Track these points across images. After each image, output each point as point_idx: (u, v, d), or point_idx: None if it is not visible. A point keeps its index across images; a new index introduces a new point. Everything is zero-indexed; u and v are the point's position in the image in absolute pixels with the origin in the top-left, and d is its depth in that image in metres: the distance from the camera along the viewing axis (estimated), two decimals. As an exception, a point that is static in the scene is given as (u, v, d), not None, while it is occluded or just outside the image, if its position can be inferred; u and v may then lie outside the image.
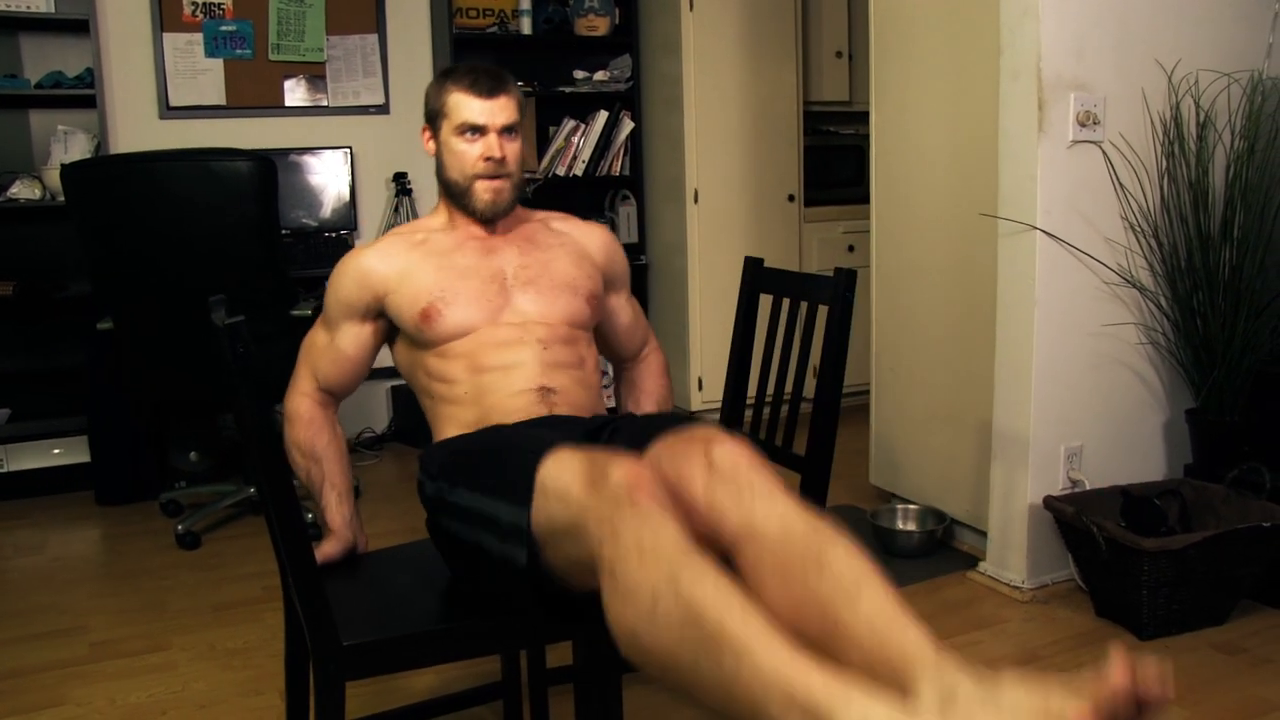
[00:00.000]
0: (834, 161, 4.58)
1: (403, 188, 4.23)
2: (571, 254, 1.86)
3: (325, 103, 4.21)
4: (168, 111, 3.99)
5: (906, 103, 3.07)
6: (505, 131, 1.76)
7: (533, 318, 1.75)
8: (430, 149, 1.82)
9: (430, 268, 1.75)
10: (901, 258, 3.15)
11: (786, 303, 1.91)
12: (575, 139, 4.43)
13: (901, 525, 3.02)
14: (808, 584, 1.18)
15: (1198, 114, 2.63)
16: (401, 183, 4.23)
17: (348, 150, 4.12)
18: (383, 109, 4.29)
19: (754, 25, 4.25)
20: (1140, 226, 2.62)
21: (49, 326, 3.83)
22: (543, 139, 4.44)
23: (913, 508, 3.07)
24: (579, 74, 4.46)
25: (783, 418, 1.90)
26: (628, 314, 2.00)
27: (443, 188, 1.82)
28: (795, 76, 4.36)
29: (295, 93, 4.17)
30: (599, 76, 4.48)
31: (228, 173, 2.85)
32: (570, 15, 4.39)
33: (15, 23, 3.70)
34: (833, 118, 4.66)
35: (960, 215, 2.87)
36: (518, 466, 1.40)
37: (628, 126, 4.47)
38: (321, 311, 1.83)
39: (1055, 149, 2.49)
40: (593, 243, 1.92)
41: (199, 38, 4.00)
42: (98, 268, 2.96)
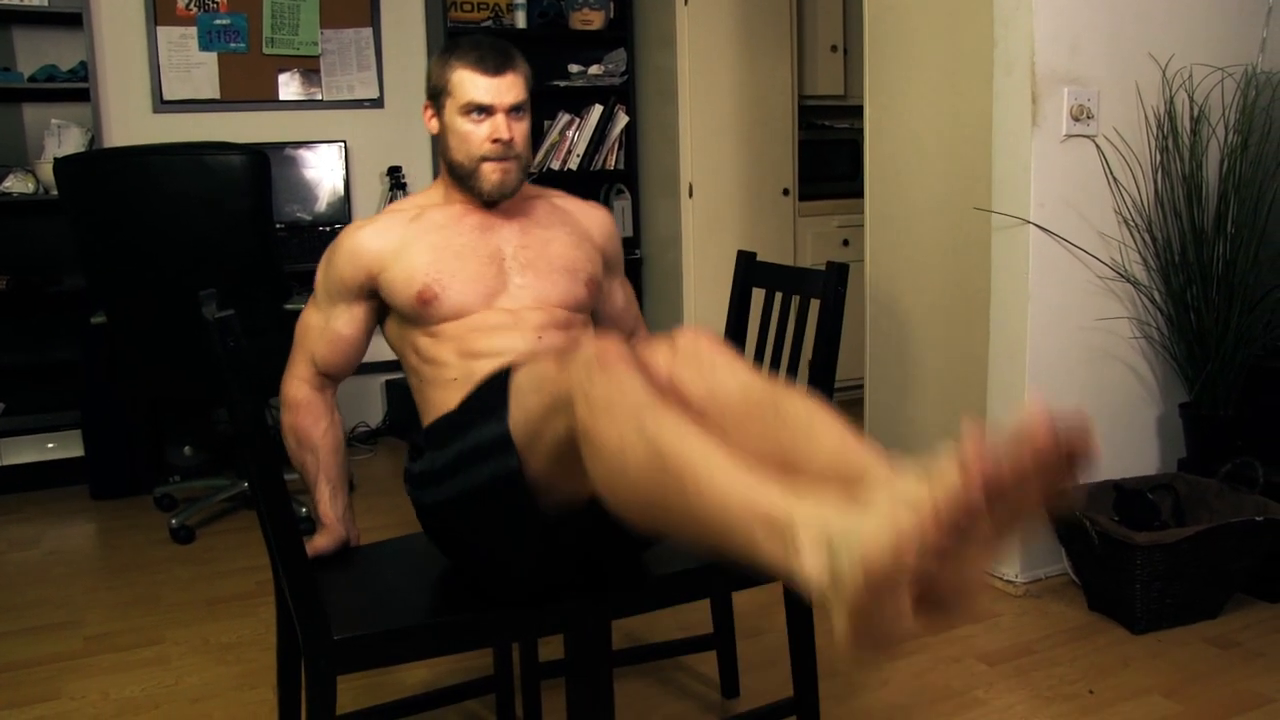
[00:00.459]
0: (828, 155, 4.58)
1: (397, 181, 4.22)
2: (572, 235, 1.81)
3: (320, 96, 4.20)
4: (162, 105, 3.98)
5: (900, 97, 3.07)
6: (513, 111, 1.69)
7: (528, 303, 1.71)
8: (433, 127, 1.74)
9: (425, 245, 1.69)
10: (895, 252, 3.15)
11: (779, 297, 1.91)
12: (570, 133, 4.42)
13: (895, 519, 3.02)
14: (767, 430, 1.24)
15: (1192, 108, 2.63)
16: (396, 176, 4.23)
17: (342, 144, 4.11)
18: (377, 103, 4.28)
19: (749, 19, 4.24)
20: (1134, 221, 2.62)
21: (43, 321, 3.83)
22: (537, 133, 4.43)
23: (907, 502, 3.06)
24: (573, 68, 4.46)
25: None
26: (621, 298, 1.97)
27: (446, 168, 1.75)
28: (790, 70, 4.36)
29: (290, 86, 4.16)
30: (593, 70, 4.47)
31: (221, 167, 2.85)
32: (565, 9, 4.39)
33: (9, 16, 3.69)
34: (827, 112, 4.65)
35: (954, 209, 2.87)
36: (491, 389, 1.43)
37: (622, 121, 4.46)
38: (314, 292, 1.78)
39: (1049, 143, 2.48)
40: (594, 224, 1.88)
41: (193, 31, 3.99)
42: (91, 262, 2.96)
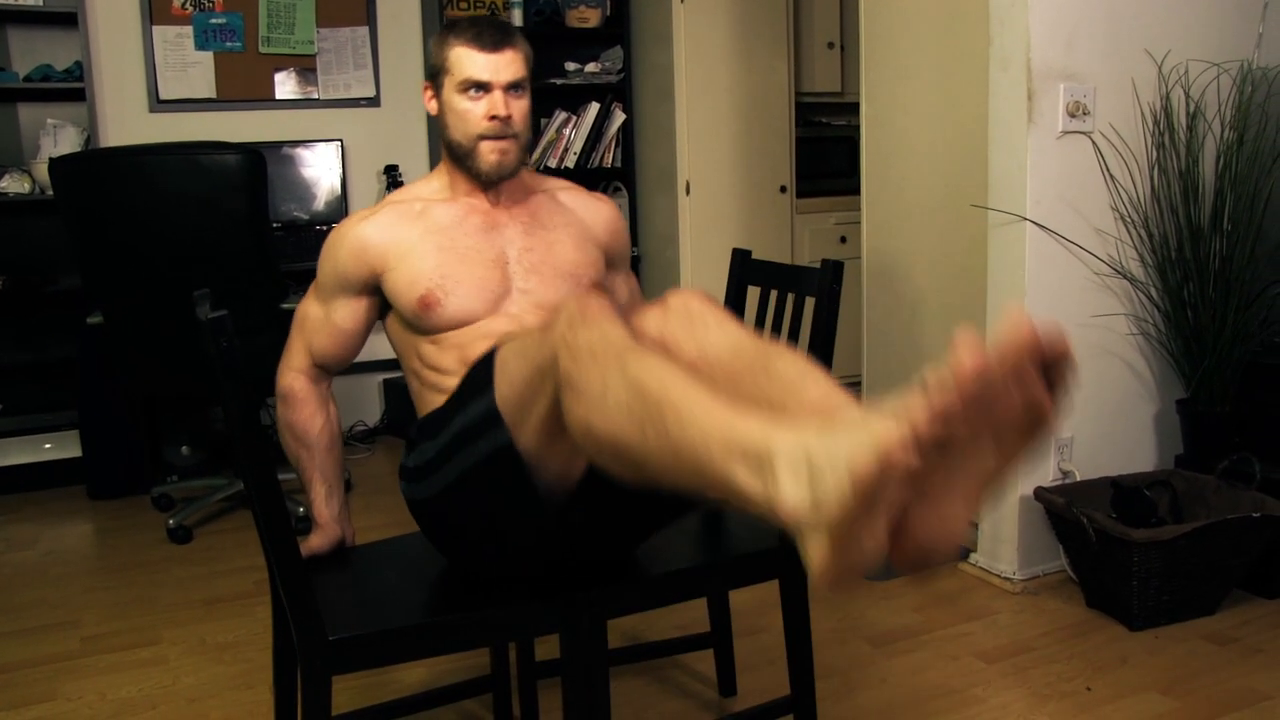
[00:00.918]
0: (826, 152, 4.57)
1: (394, 180, 4.22)
2: (576, 235, 1.80)
3: (316, 95, 4.20)
4: (158, 105, 3.98)
5: (897, 94, 3.06)
6: (511, 89, 1.67)
7: (532, 308, 1.70)
8: (432, 108, 1.73)
9: (431, 247, 1.68)
10: (892, 249, 3.14)
11: (774, 295, 1.91)
12: (567, 131, 4.42)
13: (893, 516, 3.01)
14: (756, 384, 1.23)
15: (1188, 104, 2.63)
16: (393, 175, 4.22)
17: (339, 143, 4.11)
18: (373, 101, 4.28)
19: (745, 16, 4.24)
20: (1130, 217, 2.62)
21: (39, 320, 3.82)
22: (534, 131, 4.43)
23: (904, 499, 3.06)
24: (570, 65, 4.45)
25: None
26: (624, 292, 1.95)
27: (445, 149, 1.74)
28: (787, 67, 4.35)
29: (286, 85, 4.15)
30: (590, 68, 4.47)
31: (217, 166, 2.84)
32: (561, 6, 4.38)
33: (3, 15, 3.68)
34: (824, 108, 4.65)
35: (951, 206, 2.86)
36: (478, 369, 1.43)
37: (619, 118, 4.46)
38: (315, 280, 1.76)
39: (1045, 139, 2.48)
40: (599, 220, 1.86)
41: (189, 30, 3.98)
42: (87, 262, 2.95)
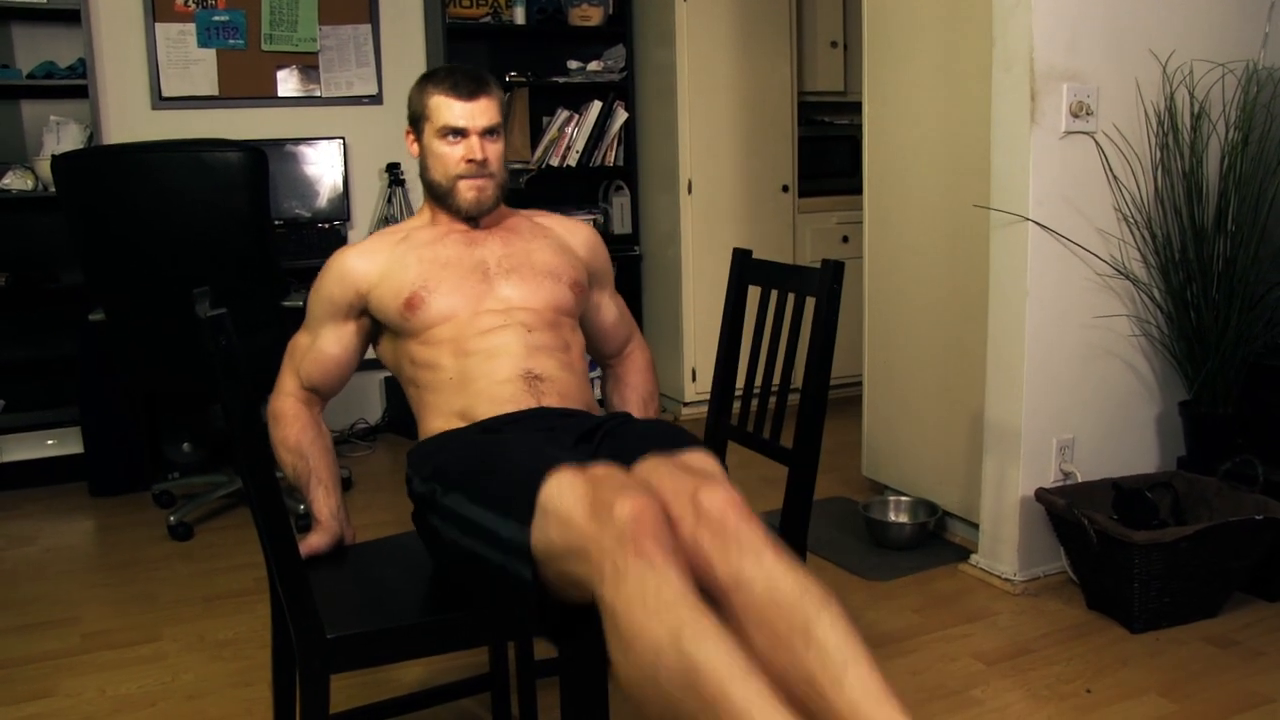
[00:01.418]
0: (828, 152, 4.56)
1: (396, 178, 4.22)
2: (553, 245, 1.89)
3: (318, 93, 4.19)
4: (160, 102, 3.97)
5: (899, 93, 3.06)
6: (487, 134, 1.79)
7: (516, 303, 1.78)
8: (414, 151, 1.85)
9: (413, 260, 1.78)
10: (894, 249, 3.14)
11: (775, 294, 1.90)
12: (569, 129, 4.41)
13: (893, 517, 3.01)
14: (794, 653, 1.18)
15: (1192, 104, 2.62)
16: (395, 173, 4.22)
17: (341, 140, 4.11)
18: (376, 99, 4.27)
19: (748, 15, 4.23)
20: (1133, 218, 2.61)
21: (41, 317, 3.83)
22: (536, 129, 4.42)
23: (904, 499, 3.06)
24: (572, 64, 4.45)
25: (771, 410, 1.89)
26: (612, 311, 2.03)
27: (426, 189, 1.85)
28: (789, 67, 4.35)
29: (288, 83, 4.15)
30: (593, 66, 4.46)
31: (219, 163, 2.84)
32: (564, 5, 4.37)
33: (6, 12, 3.68)
34: (827, 108, 4.64)
35: (953, 206, 2.86)
36: (518, 484, 1.39)
37: (621, 117, 4.45)
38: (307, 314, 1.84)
39: (1048, 140, 2.47)
40: (576, 238, 1.95)
41: (191, 28, 3.98)
42: (90, 259, 2.95)
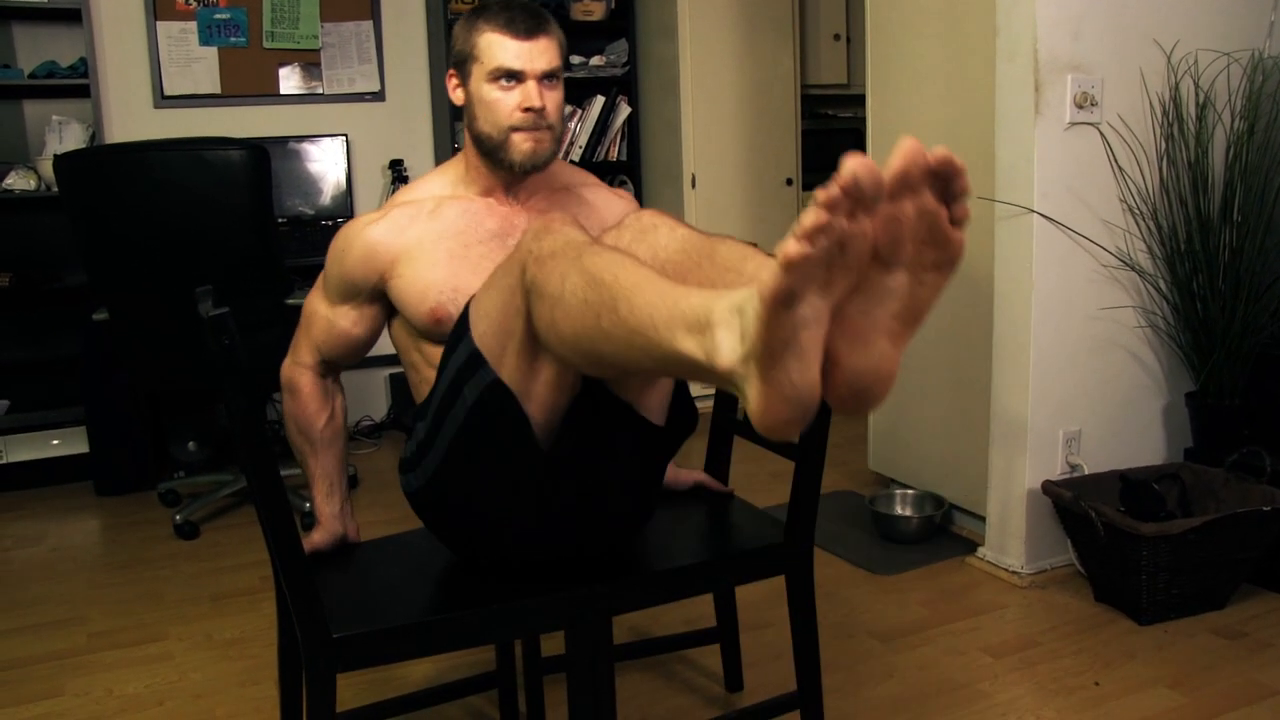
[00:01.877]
0: (832, 145, 4.55)
1: (399, 175, 4.21)
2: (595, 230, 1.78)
3: (320, 90, 4.19)
4: (162, 101, 3.97)
5: (903, 85, 3.05)
6: (546, 78, 1.58)
7: None
8: (457, 98, 1.62)
9: (443, 254, 1.61)
10: (899, 242, 3.12)
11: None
12: (572, 124, 4.41)
13: (900, 510, 3.01)
14: (702, 272, 1.26)
15: (1197, 94, 2.61)
16: (398, 170, 4.22)
17: (344, 138, 4.10)
18: (378, 96, 4.27)
19: (750, 8, 4.22)
20: (1139, 209, 2.60)
21: (45, 317, 3.83)
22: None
23: (911, 493, 3.06)
24: (575, 59, 4.44)
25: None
26: None
27: (473, 141, 1.63)
28: (792, 59, 4.33)
29: (290, 81, 4.15)
30: (595, 61, 4.46)
31: (221, 161, 2.84)
32: (566, 0, 4.37)
33: (8, 12, 3.68)
34: (830, 101, 4.63)
35: (958, 199, 2.84)
36: (455, 325, 1.43)
37: (624, 111, 4.44)
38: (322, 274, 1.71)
39: (1052, 131, 2.46)
40: (616, 217, 1.80)
41: (193, 26, 3.97)
42: (93, 258, 2.95)
